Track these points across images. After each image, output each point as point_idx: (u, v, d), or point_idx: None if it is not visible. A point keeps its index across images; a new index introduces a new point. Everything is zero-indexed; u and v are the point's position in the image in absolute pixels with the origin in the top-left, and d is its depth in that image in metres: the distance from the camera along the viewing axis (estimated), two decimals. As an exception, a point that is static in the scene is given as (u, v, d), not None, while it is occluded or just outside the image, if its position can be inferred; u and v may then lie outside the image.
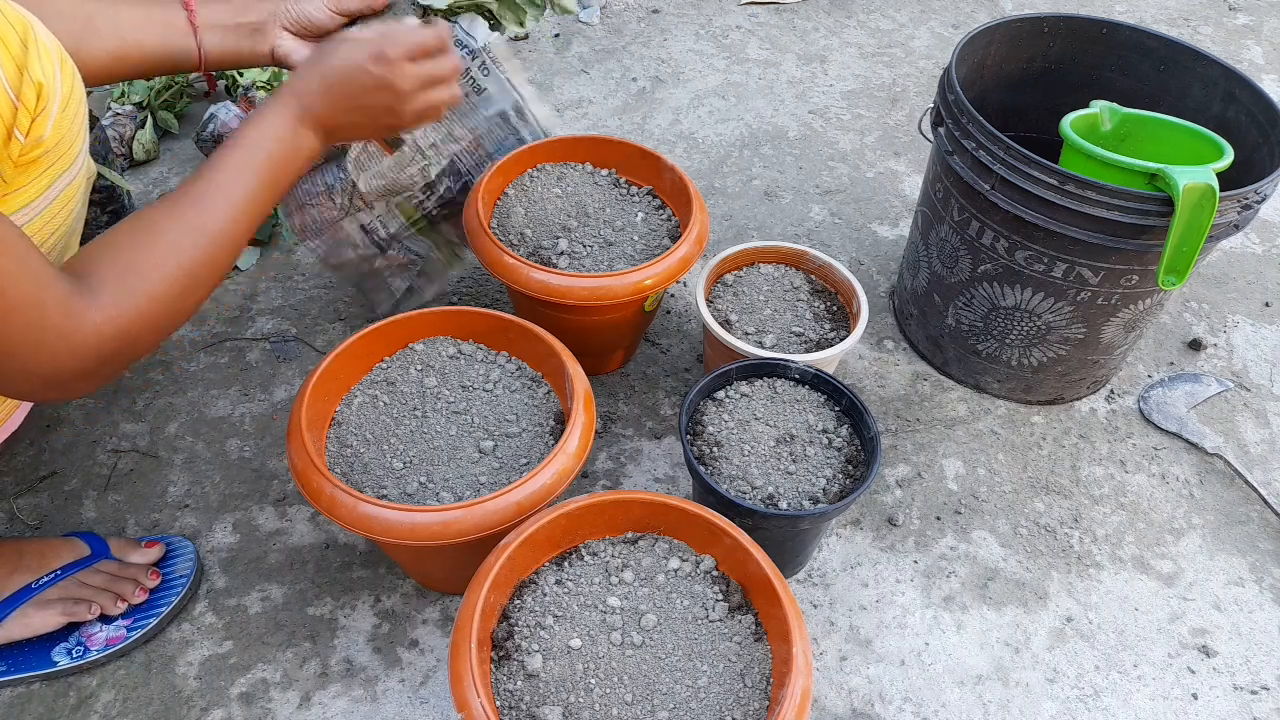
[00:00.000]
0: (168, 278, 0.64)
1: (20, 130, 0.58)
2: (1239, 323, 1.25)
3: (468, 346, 0.91)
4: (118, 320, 0.61)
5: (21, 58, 0.58)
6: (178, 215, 0.66)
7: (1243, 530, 1.01)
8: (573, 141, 1.10)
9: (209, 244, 0.67)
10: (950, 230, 1.03)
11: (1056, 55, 1.14)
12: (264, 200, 0.71)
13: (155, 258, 0.64)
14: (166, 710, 0.82)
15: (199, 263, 0.66)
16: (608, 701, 0.66)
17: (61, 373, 0.60)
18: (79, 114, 0.64)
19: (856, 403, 0.88)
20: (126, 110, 1.39)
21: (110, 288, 0.61)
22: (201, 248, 0.66)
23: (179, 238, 0.65)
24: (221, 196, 0.68)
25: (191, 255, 0.66)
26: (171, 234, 0.65)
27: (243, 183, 0.69)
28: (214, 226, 0.67)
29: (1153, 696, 0.88)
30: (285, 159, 0.73)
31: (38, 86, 0.58)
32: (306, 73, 0.74)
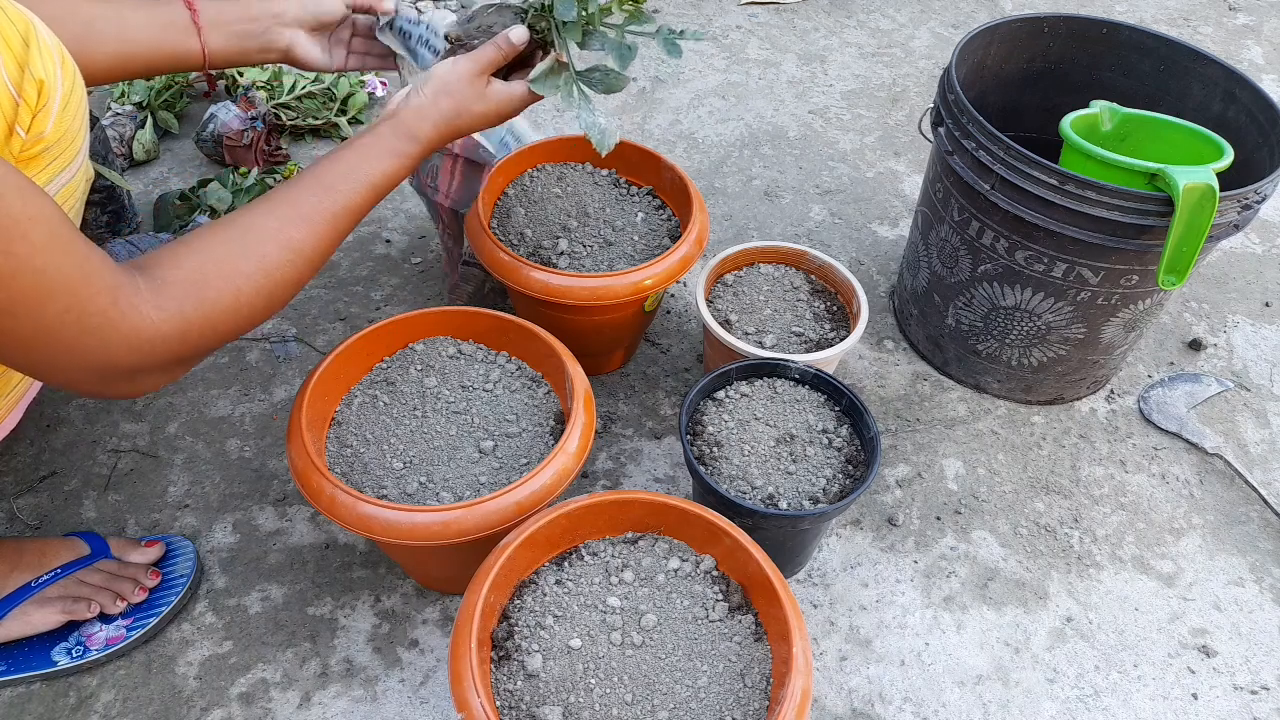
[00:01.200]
0: (248, 289, 0.64)
1: (21, 127, 0.58)
2: (1239, 323, 1.25)
3: (468, 346, 0.91)
4: (180, 323, 0.60)
5: (23, 55, 0.58)
6: (272, 224, 0.66)
7: (1243, 530, 1.01)
8: (573, 141, 1.10)
9: (298, 257, 0.67)
10: (950, 230, 1.03)
11: (1056, 55, 1.14)
12: (354, 221, 0.73)
13: (239, 267, 0.63)
14: (166, 710, 0.82)
15: (284, 274, 0.66)
16: (608, 701, 0.66)
17: (117, 365, 0.58)
18: (80, 112, 0.64)
19: (856, 403, 0.88)
20: (126, 110, 1.39)
21: (178, 291, 0.60)
22: (289, 260, 0.66)
23: (269, 248, 0.65)
24: (319, 210, 0.68)
25: (278, 268, 0.66)
26: (263, 244, 0.65)
27: (342, 199, 0.70)
28: (305, 240, 0.67)
29: (1153, 696, 0.88)
30: (385, 187, 0.74)
31: (39, 83, 0.59)
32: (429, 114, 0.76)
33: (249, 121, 1.34)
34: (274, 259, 0.66)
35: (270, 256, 0.65)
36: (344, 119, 1.45)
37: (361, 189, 0.72)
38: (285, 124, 1.41)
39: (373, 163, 0.73)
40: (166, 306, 0.59)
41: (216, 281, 0.62)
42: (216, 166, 1.37)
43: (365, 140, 0.74)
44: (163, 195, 1.27)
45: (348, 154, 0.72)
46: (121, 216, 1.22)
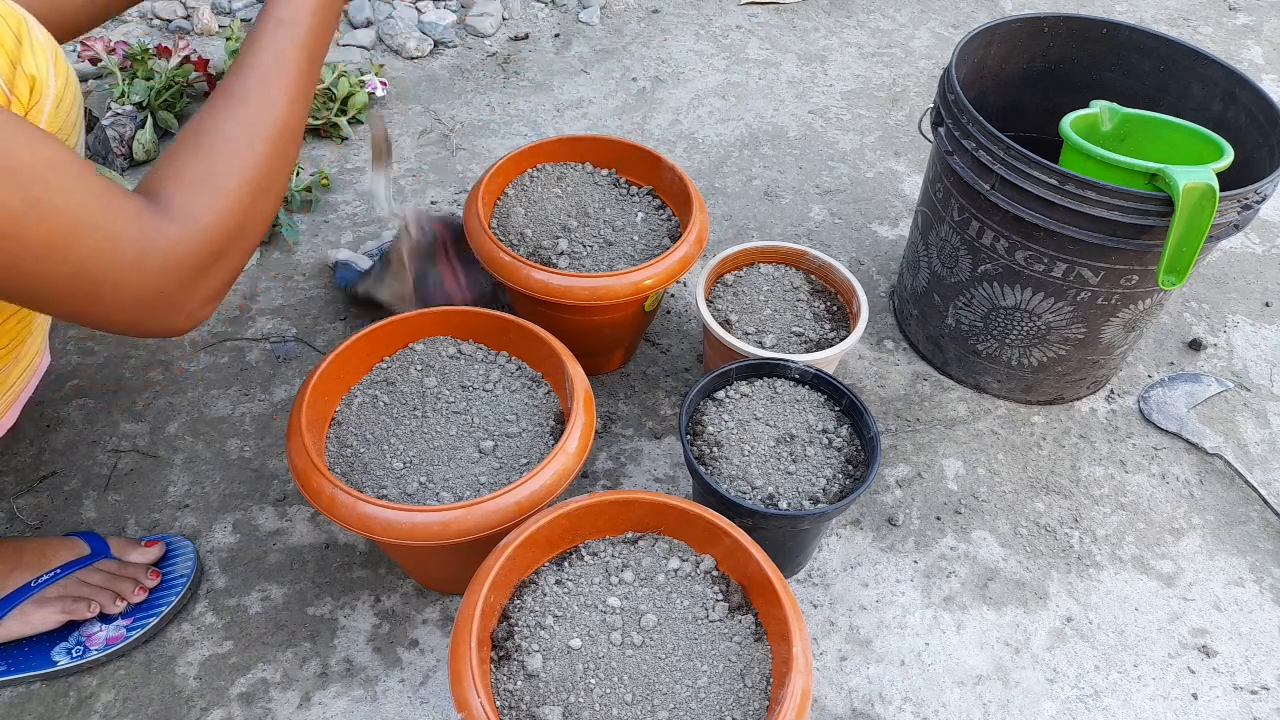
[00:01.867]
0: (240, 182, 0.63)
1: None
2: (1239, 323, 1.25)
3: (468, 346, 0.91)
4: (197, 232, 0.60)
5: (15, 52, 0.58)
6: (233, 117, 0.64)
7: (1243, 530, 1.01)
8: (573, 141, 1.10)
9: (273, 138, 0.65)
10: (950, 230, 1.03)
11: (1056, 55, 1.14)
12: (312, 78, 0.70)
13: (221, 165, 0.62)
14: (166, 710, 0.82)
15: (267, 159, 0.65)
16: (608, 701, 0.66)
17: (159, 293, 0.58)
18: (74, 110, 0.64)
19: (856, 403, 0.88)
20: (126, 110, 1.39)
21: (181, 201, 0.60)
22: (266, 144, 0.65)
23: (240, 141, 0.64)
24: (272, 86, 0.66)
25: (258, 154, 0.64)
26: (232, 139, 0.63)
27: (291, 66, 0.67)
28: (272, 120, 0.66)
29: (1153, 696, 0.88)
30: (323, 30, 0.70)
31: (30, 80, 0.59)
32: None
33: (249, 121, 1.34)
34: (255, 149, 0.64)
35: (249, 148, 0.64)
36: (344, 119, 1.45)
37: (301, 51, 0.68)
38: (285, 124, 1.41)
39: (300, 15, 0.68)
40: (180, 219, 0.59)
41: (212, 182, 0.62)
42: (216, 166, 1.37)
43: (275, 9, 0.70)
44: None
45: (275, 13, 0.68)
46: (121, 216, 1.22)
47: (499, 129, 1.51)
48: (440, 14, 1.71)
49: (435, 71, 1.63)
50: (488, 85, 1.61)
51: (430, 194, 1.37)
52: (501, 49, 1.69)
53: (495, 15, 1.74)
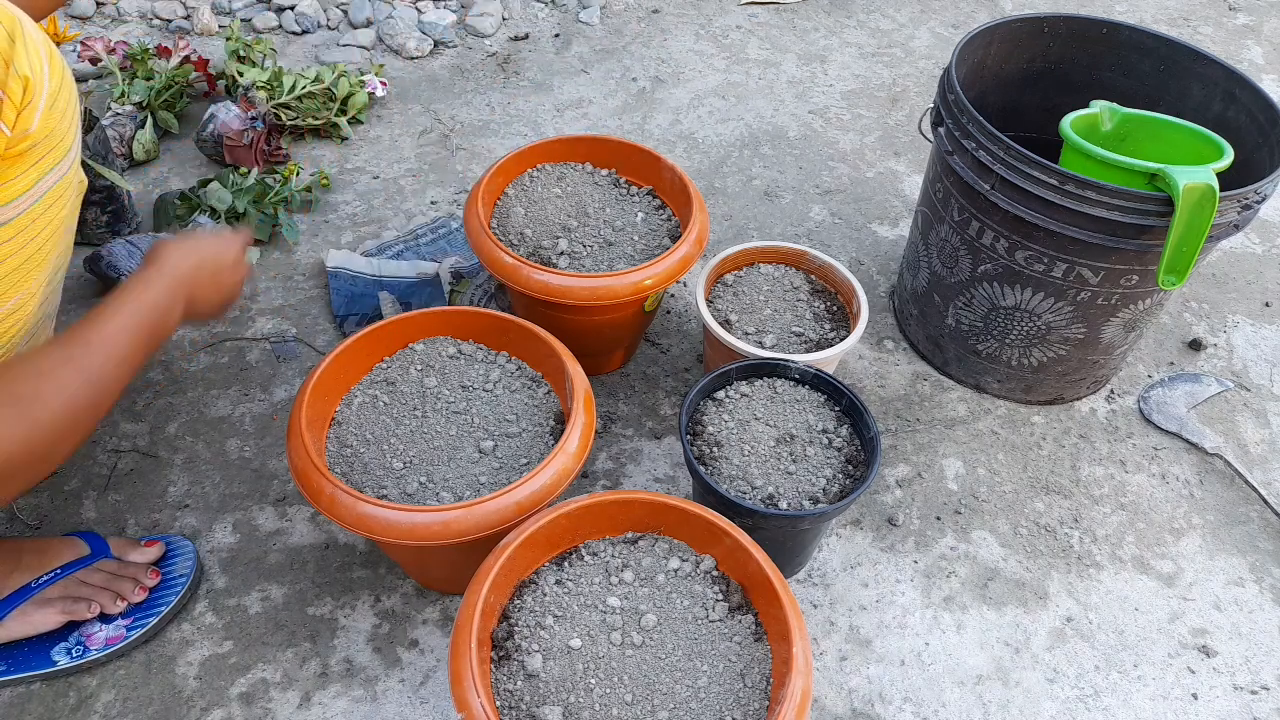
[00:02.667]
0: (53, 412, 0.65)
1: (6, 123, 0.59)
2: (1239, 323, 1.25)
3: (468, 346, 0.91)
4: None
5: (8, 51, 0.58)
6: (67, 359, 0.68)
7: (1243, 530, 1.01)
8: (573, 141, 1.10)
9: (93, 389, 0.68)
10: (950, 230, 1.03)
11: (1056, 55, 1.14)
12: (141, 357, 0.74)
13: (44, 392, 0.65)
14: (166, 710, 0.82)
15: (82, 403, 0.68)
16: (608, 701, 0.66)
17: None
18: (69, 108, 0.65)
19: (856, 403, 0.88)
20: (126, 110, 1.39)
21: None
22: (86, 390, 0.68)
23: (67, 378, 0.67)
24: (109, 347, 0.70)
25: (77, 396, 0.67)
26: (60, 375, 0.67)
27: (127, 339, 0.72)
28: (99, 373, 0.69)
29: (1153, 696, 0.88)
30: (163, 325, 0.76)
31: (24, 80, 0.59)
32: (184, 255, 0.80)
33: (249, 121, 1.34)
34: (72, 385, 0.67)
35: (68, 383, 0.67)
36: (344, 119, 1.45)
37: (137, 316, 0.73)
38: (285, 124, 1.41)
39: (140, 294, 0.74)
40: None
41: (36, 404, 0.64)
42: (216, 166, 1.37)
43: (135, 281, 0.76)
44: (163, 195, 1.27)
45: (128, 290, 0.74)
46: (121, 216, 1.22)
47: (499, 129, 1.51)
48: (440, 14, 1.71)
49: (435, 71, 1.63)
50: (488, 85, 1.61)
51: (430, 194, 1.37)
52: (501, 49, 1.69)
53: (495, 15, 1.74)
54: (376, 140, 1.47)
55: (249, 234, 0.88)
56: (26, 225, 0.65)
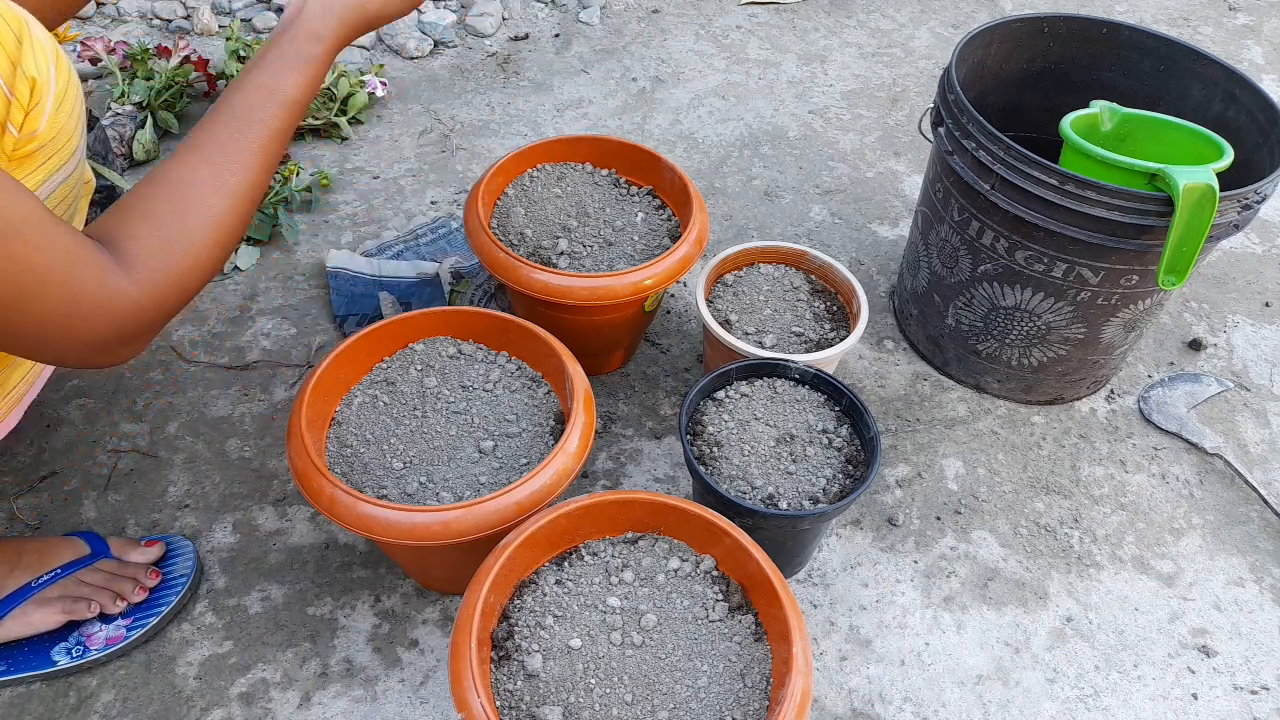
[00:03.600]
0: (205, 244, 0.65)
1: (14, 124, 0.59)
2: (1239, 323, 1.25)
3: (468, 346, 0.91)
4: (154, 292, 0.62)
5: (15, 53, 0.58)
6: (207, 174, 0.66)
7: (1243, 530, 1.01)
8: (573, 141, 1.10)
9: (239, 196, 0.67)
10: (950, 230, 1.03)
11: (1056, 55, 1.14)
12: (283, 143, 0.71)
13: (191, 226, 0.65)
14: (166, 710, 0.82)
15: (231, 220, 0.67)
16: (608, 701, 0.66)
17: (103, 342, 0.61)
18: (75, 109, 0.64)
19: (856, 403, 0.88)
20: (126, 110, 1.39)
21: (146, 263, 0.62)
22: (231, 201, 0.67)
23: (212, 200, 0.66)
24: (246, 145, 0.68)
25: (225, 215, 0.66)
26: (205, 198, 0.66)
27: (265, 130, 0.69)
28: (240, 178, 0.67)
29: (1153, 696, 0.88)
30: (303, 101, 0.72)
31: (31, 81, 0.59)
32: (333, 5, 0.72)
33: (249, 121, 1.34)
34: (219, 208, 0.66)
35: (215, 207, 0.66)
36: (344, 119, 1.45)
37: (280, 111, 0.70)
38: (285, 124, 1.41)
39: (284, 77, 0.70)
40: (140, 281, 0.62)
41: (177, 245, 0.64)
42: (216, 166, 1.37)
43: (270, 55, 0.70)
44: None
45: (257, 75, 0.69)
46: (121, 216, 1.22)
47: (499, 129, 1.51)
48: (440, 14, 1.71)
49: (435, 71, 1.63)
50: (488, 85, 1.61)
51: (430, 194, 1.37)
52: (501, 49, 1.69)
53: (495, 15, 1.74)
54: (376, 140, 1.47)
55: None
56: None
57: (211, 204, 0.66)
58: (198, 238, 0.65)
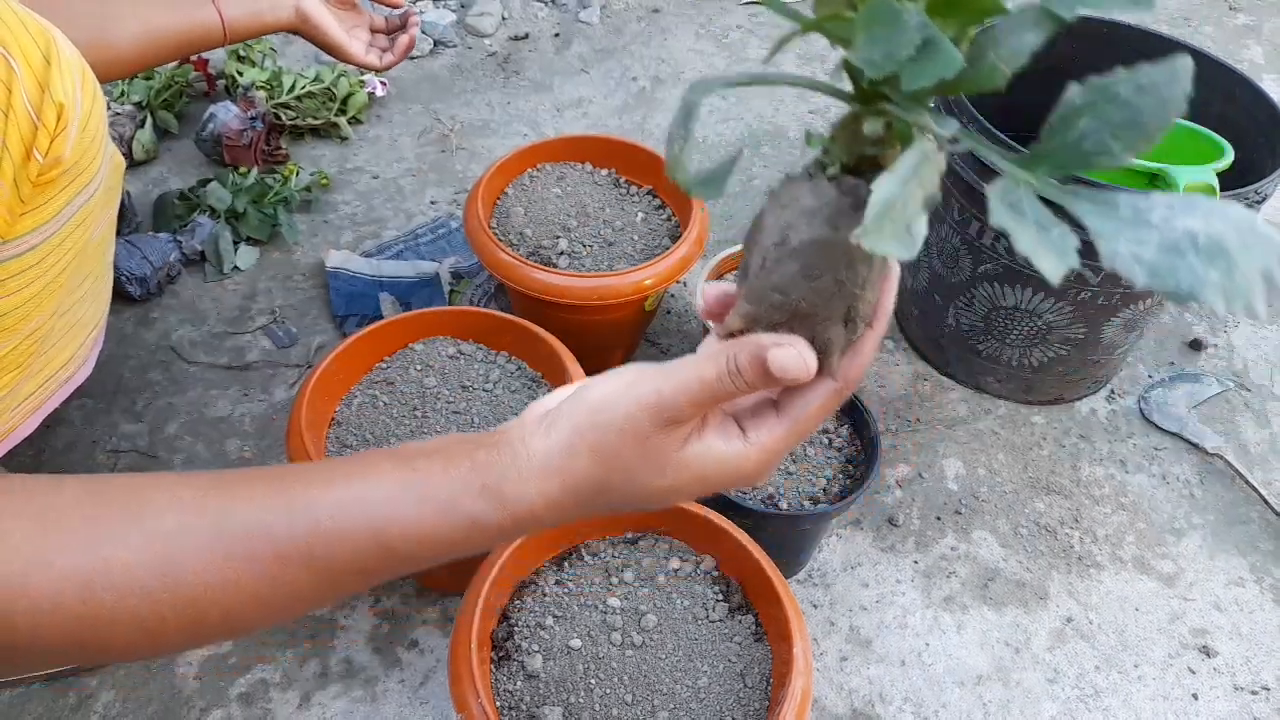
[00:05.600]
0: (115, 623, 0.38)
1: (39, 150, 0.57)
2: (1239, 323, 1.25)
3: (467, 346, 0.91)
4: None
5: (44, 74, 0.56)
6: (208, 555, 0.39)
7: (1243, 530, 1.01)
8: (573, 141, 1.10)
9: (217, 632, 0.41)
10: (950, 230, 1.03)
11: (1057, 55, 1.13)
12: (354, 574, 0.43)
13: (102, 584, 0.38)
14: (166, 710, 0.82)
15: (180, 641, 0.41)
16: (608, 702, 0.66)
17: None
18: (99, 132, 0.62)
19: (856, 403, 0.88)
20: (126, 110, 1.38)
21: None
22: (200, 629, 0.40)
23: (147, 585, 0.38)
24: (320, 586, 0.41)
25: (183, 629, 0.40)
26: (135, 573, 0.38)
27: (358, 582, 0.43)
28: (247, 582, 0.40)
29: (1153, 696, 0.88)
30: (445, 544, 0.43)
31: (59, 106, 0.57)
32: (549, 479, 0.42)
33: (248, 121, 1.34)
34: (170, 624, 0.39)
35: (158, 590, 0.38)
36: (344, 119, 1.45)
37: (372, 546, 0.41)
38: (285, 124, 1.41)
39: (423, 512, 0.41)
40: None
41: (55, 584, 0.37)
42: (216, 166, 1.37)
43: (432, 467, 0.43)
44: (162, 195, 1.27)
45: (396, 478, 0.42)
46: (121, 216, 1.22)
47: (499, 129, 1.51)
48: (440, 14, 1.71)
49: (435, 71, 1.63)
50: (488, 85, 1.61)
51: (430, 194, 1.37)
52: (501, 49, 1.69)
53: (495, 15, 1.74)
54: (376, 140, 1.47)
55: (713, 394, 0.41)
56: (53, 249, 0.63)
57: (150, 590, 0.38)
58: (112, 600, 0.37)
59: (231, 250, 1.21)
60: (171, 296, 1.18)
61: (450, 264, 1.18)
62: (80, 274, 0.70)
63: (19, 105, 0.54)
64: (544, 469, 0.42)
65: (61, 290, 0.67)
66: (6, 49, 0.54)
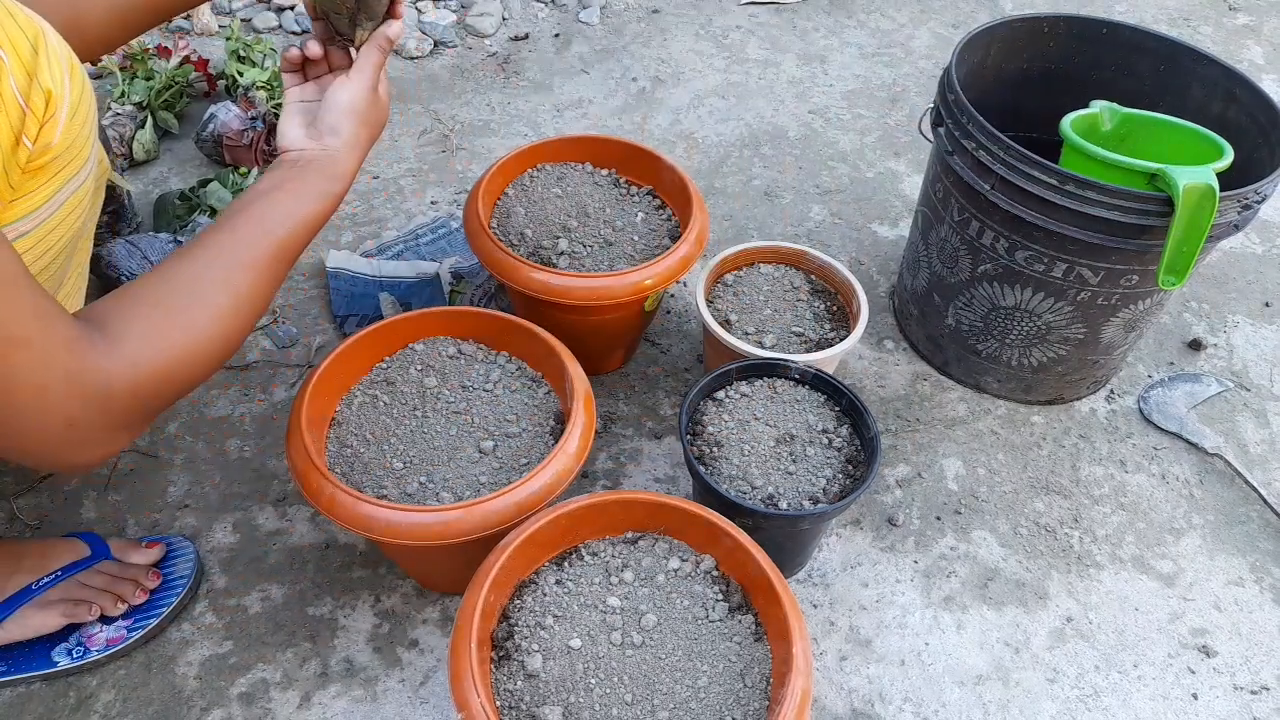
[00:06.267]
0: (202, 340, 0.63)
1: (28, 137, 0.58)
2: (1239, 323, 1.25)
3: (468, 346, 0.91)
4: (135, 377, 0.59)
5: (31, 63, 0.57)
6: (219, 274, 0.65)
7: (1243, 530, 1.01)
8: (573, 141, 1.10)
9: (246, 307, 0.66)
10: (950, 230, 1.03)
11: (1056, 55, 1.14)
12: (293, 263, 0.72)
13: (193, 320, 0.63)
14: (166, 710, 0.82)
15: (233, 325, 0.65)
16: (608, 701, 0.66)
17: (73, 423, 0.56)
18: (88, 119, 0.64)
19: (856, 403, 0.88)
20: (126, 110, 1.39)
21: (133, 345, 0.59)
22: (237, 310, 0.65)
23: (220, 299, 0.64)
24: (262, 257, 0.68)
25: (227, 319, 0.65)
26: (213, 295, 0.64)
27: (283, 247, 0.70)
28: (253, 289, 0.67)
29: (1153, 696, 0.88)
30: (319, 227, 0.74)
31: (47, 93, 0.58)
32: (353, 147, 0.76)
33: (249, 121, 1.34)
34: (225, 308, 0.65)
35: (221, 305, 0.64)
36: (344, 119, 1.45)
37: (299, 231, 0.71)
38: (285, 124, 1.41)
39: (307, 204, 0.72)
40: (122, 361, 0.58)
41: (174, 336, 0.61)
42: (216, 166, 1.37)
43: (294, 183, 0.72)
44: (163, 195, 1.27)
45: (281, 196, 0.71)
46: (121, 216, 1.22)
47: (499, 129, 1.51)
48: (440, 14, 1.71)
49: (435, 71, 1.63)
50: (488, 85, 1.61)
51: (430, 194, 1.37)
52: (501, 49, 1.69)
53: (495, 15, 1.74)
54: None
55: (379, 62, 0.79)
56: (44, 236, 0.64)
57: (218, 301, 0.64)
58: (197, 331, 0.63)
59: (232, 250, 1.21)
60: (172, 296, 1.18)
61: (450, 264, 1.18)
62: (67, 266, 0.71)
63: (7, 92, 0.56)
64: (348, 141, 0.76)
65: (51, 281, 0.68)
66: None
